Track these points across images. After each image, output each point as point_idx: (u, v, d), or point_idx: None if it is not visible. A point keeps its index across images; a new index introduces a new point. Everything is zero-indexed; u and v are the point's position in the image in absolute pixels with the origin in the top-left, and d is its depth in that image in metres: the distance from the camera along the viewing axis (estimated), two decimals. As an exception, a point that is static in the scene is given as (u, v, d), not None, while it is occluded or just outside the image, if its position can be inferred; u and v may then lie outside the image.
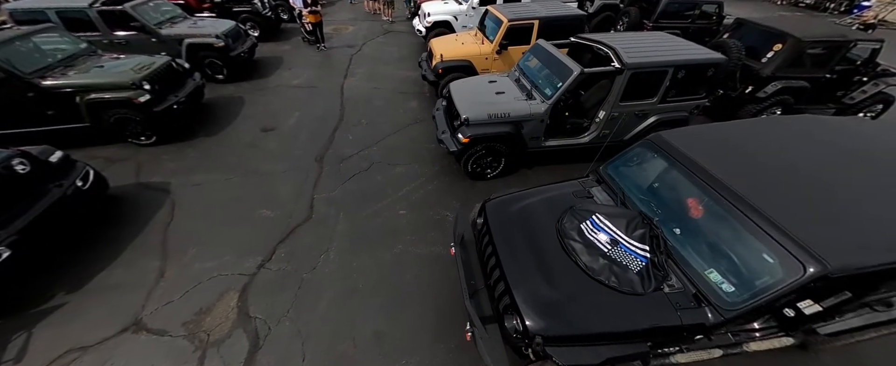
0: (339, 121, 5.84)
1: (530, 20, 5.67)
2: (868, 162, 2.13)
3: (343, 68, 7.91)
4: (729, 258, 1.89)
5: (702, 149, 2.31)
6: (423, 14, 8.38)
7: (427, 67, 6.37)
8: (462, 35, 6.58)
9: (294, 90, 6.88)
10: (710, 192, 2.06)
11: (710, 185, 2.06)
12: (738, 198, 1.90)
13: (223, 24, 7.07)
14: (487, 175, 4.52)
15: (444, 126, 4.46)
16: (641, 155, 2.60)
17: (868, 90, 5.61)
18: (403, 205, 4.13)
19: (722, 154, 2.27)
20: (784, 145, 2.28)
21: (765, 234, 1.73)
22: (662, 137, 2.45)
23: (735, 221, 1.89)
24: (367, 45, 9.40)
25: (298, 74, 7.54)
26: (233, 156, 4.89)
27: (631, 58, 3.75)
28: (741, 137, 2.40)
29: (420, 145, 5.25)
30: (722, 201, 1.98)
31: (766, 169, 2.11)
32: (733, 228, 1.89)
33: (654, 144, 2.49)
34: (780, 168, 2.08)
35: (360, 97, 6.64)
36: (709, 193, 2.07)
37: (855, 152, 2.19)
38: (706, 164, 2.16)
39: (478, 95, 4.27)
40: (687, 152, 2.28)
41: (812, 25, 5.22)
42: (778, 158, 2.17)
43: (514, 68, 4.83)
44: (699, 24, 8.01)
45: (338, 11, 12.80)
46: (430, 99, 6.61)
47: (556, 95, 3.85)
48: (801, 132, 2.42)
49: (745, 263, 1.83)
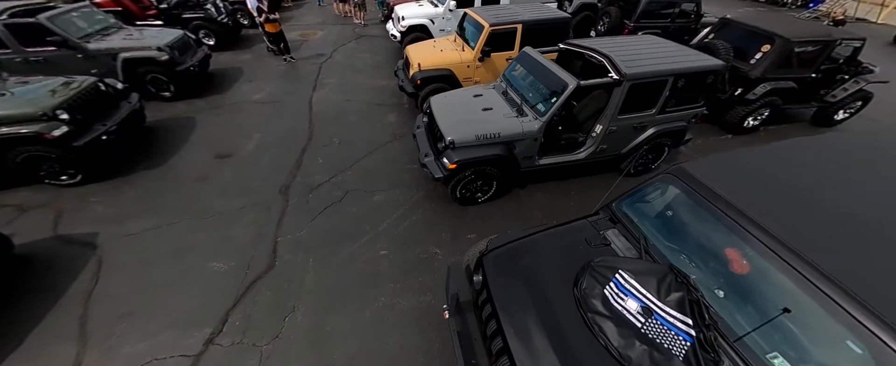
0: (308, 141, 5.19)
1: (513, 24, 5.26)
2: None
3: (311, 79, 7.20)
4: (794, 336, 1.51)
5: (737, 185, 1.93)
6: (397, 17, 7.81)
7: (404, 77, 5.82)
8: (440, 41, 6.08)
9: (255, 106, 6.12)
10: (757, 245, 1.67)
11: (758, 237, 1.67)
12: (798, 258, 1.51)
13: (168, 34, 6.20)
14: (478, 200, 4.05)
15: (426, 148, 3.95)
16: (662, 191, 2.20)
17: (849, 88, 5.60)
18: (384, 242, 3.58)
19: (762, 192, 1.90)
20: (832, 178, 1.94)
21: (846, 313, 1.34)
22: (686, 172, 2.06)
23: (797, 287, 1.51)
24: (337, 52, 8.70)
25: (260, 87, 6.77)
26: (179, 193, 4.15)
27: (629, 67, 3.39)
28: (779, 168, 2.05)
29: (401, 167, 4.71)
30: (774, 258, 1.59)
31: (824, 212, 1.74)
32: (796, 297, 1.51)
33: (676, 178, 2.09)
34: (840, 213, 1.72)
35: (331, 112, 5.99)
36: (756, 247, 1.68)
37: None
38: (747, 207, 1.77)
39: (463, 113, 3.79)
40: (720, 191, 1.90)
41: (797, 25, 5.14)
42: (832, 197, 1.81)
43: (500, 79, 4.39)
44: (678, 24, 7.92)
45: (305, 15, 11.95)
46: (409, 112, 6.07)
47: (551, 111, 3.43)
48: (847, 160, 2.07)
49: (819, 346, 1.45)
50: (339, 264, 3.33)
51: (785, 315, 1.48)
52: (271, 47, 8.00)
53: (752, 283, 1.73)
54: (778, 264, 1.58)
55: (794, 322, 1.52)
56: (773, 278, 1.63)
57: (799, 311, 1.49)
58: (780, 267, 1.58)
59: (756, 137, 5.83)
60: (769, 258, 1.63)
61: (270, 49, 8.08)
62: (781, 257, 1.57)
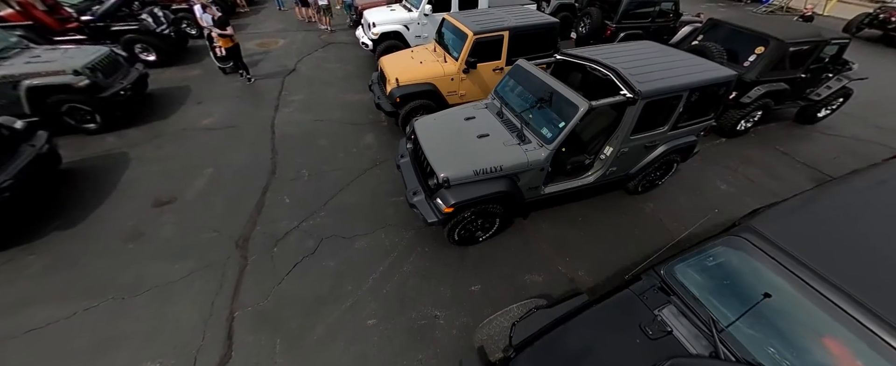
0: (271, 175, 4.41)
1: (499, 32, 4.74)
2: None
3: (273, 96, 6.33)
4: None
5: (824, 249, 1.51)
6: (367, 24, 7.09)
7: (380, 93, 5.15)
8: (418, 51, 5.46)
9: (205, 134, 5.21)
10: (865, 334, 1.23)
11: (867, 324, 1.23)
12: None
13: (88, 52, 5.14)
14: (479, 239, 3.50)
15: (414, 182, 3.34)
16: (728, 259, 1.74)
17: (833, 85, 5.59)
18: (371, 307, 2.94)
19: (853, 255, 1.48)
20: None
21: None
22: (761, 234, 1.62)
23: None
24: (303, 63, 7.83)
25: (211, 110, 5.83)
26: (103, 261, 3.27)
27: (643, 84, 2.95)
28: (875, 219, 1.64)
29: (384, 200, 4.06)
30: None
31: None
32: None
33: (748, 242, 1.64)
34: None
35: (297, 136, 5.21)
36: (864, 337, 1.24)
37: None
38: (845, 280, 1.34)
39: (455, 142, 3.21)
40: (808, 260, 1.46)
41: (788, 26, 5.03)
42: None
43: (492, 96, 3.85)
44: (658, 23, 7.79)
45: (263, 21, 10.85)
46: (389, 130, 5.41)
47: (559, 138, 2.93)
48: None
49: None
50: (315, 346, 2.66)
51: None
52: (221, 65, 6.94)
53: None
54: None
55: None
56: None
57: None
58: None
59: (748, 139, 5.70)
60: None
61: (220, 69, 7.02)
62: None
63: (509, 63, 5.09)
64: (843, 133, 5.96)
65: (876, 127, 6.16)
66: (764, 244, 1.58)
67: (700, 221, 3.99)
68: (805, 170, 5.03)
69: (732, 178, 4.80)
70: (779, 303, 1.57)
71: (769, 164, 5.14)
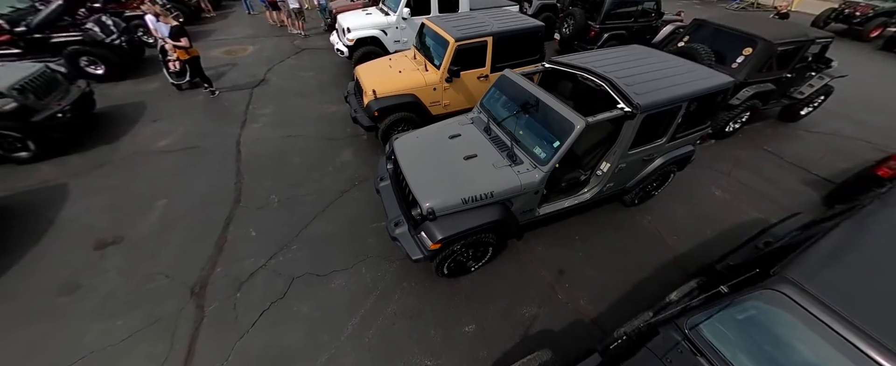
0: (235, 204, 3.94)
1: (482, 37, 4.43)
2: None
3: (240, 111, 5.80)
4: None
5: (876, 305, 1.26)
6: (341, 29, 6.64)
7: (357, 106, 4.75)
8: (397, 59, 5.08)
9: (160, 158, 4.66)
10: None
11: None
12: None
13: (17, 70, 4.49)
14: (471, 268, 3.18)
15: (395, 211, 2.98)
16: (766, 317, 1.48)
17: (815, 84, 5.59)
18: (351, 359, 2.57)
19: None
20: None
21: None
22: (802, 290, 1.37)
23: None
24: (274, 72, 7.29)
25: (169, 129, 5.26)
26: (30, 324, 2.74)
27: (642, 97, 2.70)
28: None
29: (364, 227, 3.68)
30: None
31: None
32: None
33: (787, 297, 1.38)
34: None
35: (267, 156, 4.73)
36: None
37: None
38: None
39: (439, 165, 2.87)
40: (856, 320, 1.21)
41: (775, 26, 4.96)
42: None
43: (478, 109, 3.54)
44: (641, 23, 7.71)
45: (231, 26, 10.17)
46: (369, 145, 5.01)
47: (554, 158, 2.64)
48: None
49: None
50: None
51: None
52: (175, 81, 6.18)
53: None
54: None
55: None
56: None
57: None
58: None
59: (736, 140, 5.63)
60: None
61: (175, 85, 6.24)
62: None
63: (494, 70, 4.81)
64: (824, 130, 5.99)
65: (853, 121, 6.25)
66: (807, 301, 1.34)
67: (698, 233, 3.82)
68: (795, 171, 4.97)
69: (725, 183, 4.68)
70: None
71: (759, 165, 5.06)
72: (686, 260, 3.52)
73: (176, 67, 5.93)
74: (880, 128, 6.11)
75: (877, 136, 5.86)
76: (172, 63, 5.88)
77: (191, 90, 6.35)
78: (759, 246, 2.41)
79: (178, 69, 5.98)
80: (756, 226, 3.97)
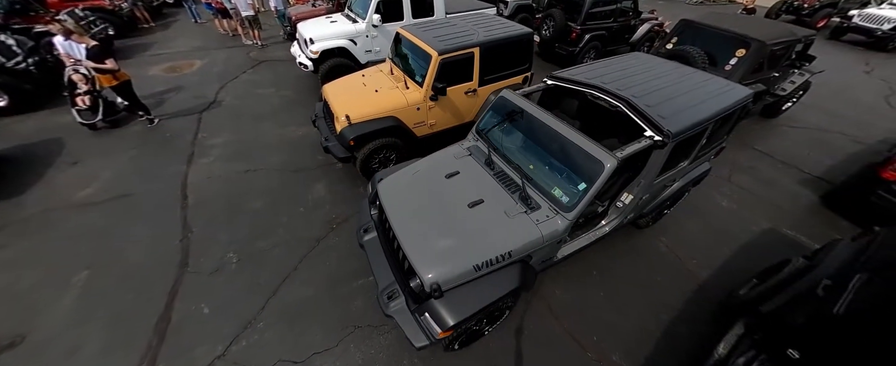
0: (181, 270, 3.15)
1: (468, 49, 3.91)
2: None
3: (186, 143, 4.88)
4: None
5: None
6: (303, 39, 5.86)
7: (328, 132, 4.08)
8: (372, 74, 4.44)
9: (82, 214, 3.72)
10: None
11: None
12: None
13: None
14: (486, 332, 2.66)
15: (386, 276, 2.38)
16: None
17: (796, 80, 5.61)
18: None
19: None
20: None
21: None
22: None
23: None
24: (227, 92, 6.35)
25: (92, 173, 4.27)
26: None
27: (669, 121, 2.30)
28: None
29: (348, 286, 3.04)
30: None
31: None
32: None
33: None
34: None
35: (221, 200, 3.93)
36: None
37: None
38: None
39: (438, 216, 2.31)
40: None
41: (764, 26, 4.85)
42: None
43: (474, 136, 3.01)
44: (620, 22, 7.54)
45: (174, 38, 8.93)
46: (348, 174, 4.34)
47: (582, 203, 2.17)
48: None
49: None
50: None
51: None
52: (83, 121, 4.84)
53: None
54: None
55: None
56: None
57: None
58: None
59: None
60: None
61: (85, 125, 4.90)
62: None
63: (483, 83, 4.31)
64: (805, 124, 6.08)
65: (827, 113, 6.44)
66: None
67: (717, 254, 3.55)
68: (788, 171, 4.91)
69: (728, 190, 4.51)
70: None
71: (755, 167, 4.96)
72: (711, 288, 3.22)
73: (85, 104, 4.70)
74: (851, 118, 6.31)
75: (851, 127, 6.02)
76: (81, 98, 4.70)
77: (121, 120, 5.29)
78: (819, 293, 2.09)
79: (89, 104, 4.73)
80: (770, 238, 3.80)
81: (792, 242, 3.77)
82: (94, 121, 4.91)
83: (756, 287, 2.81)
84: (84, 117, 4.86)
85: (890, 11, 10.00)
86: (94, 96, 4.77)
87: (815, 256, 2.65)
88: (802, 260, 2.62)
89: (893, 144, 5.20)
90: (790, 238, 3.82)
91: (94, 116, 4.89)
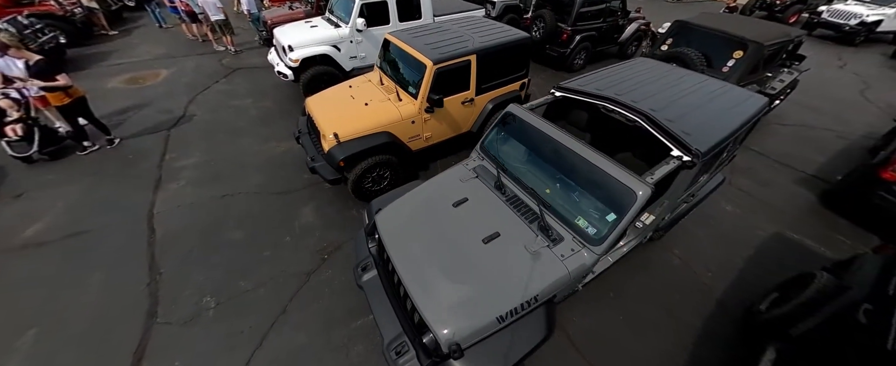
0: (149, 320, 2.72)
1: (464, 56, 3.63)
2: None
3: (151, 165, 4.37)
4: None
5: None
6: (281, 46, 5.42)
7: (314, 151, 3.71)
8: (360, 85, 4.08)
9: (27, 258, 3.19)
10: None
11: None
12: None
13: None
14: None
15: (393, 326, 2.07)
16: None
17: (785, 78, 5.66)
18: None
19: None
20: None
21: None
22: None
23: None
24: (198, 104, 5.81)
25: (41, 207, 3.71)
26: None
27: (696, 138, 2.11)
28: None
29: (346, 329, 2.71)
30: None
31: None
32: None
33: None
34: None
35: (194, 232, 3.48)
36: None
37: None
38: None
39: (450, 255, 2.03)
40: None
41: (759, 27, 4.82)
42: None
43: (480, 155, 2.74)
44: (609, 22, 7.46)
45: (137, 45, 8.19)
46: (339, 195, 3.98)
47: (613, 235, 1.94)
48: None
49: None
50: None
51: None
52: (20, 155, 4.11)
53: None
54: None
55: None
56: None
57: None
58: None
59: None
60: None
61: (18, 158, 4.15)
62: None
63: (480, 92, 4.05)
64: (793, 121, 6.17)
65: (811, 109, 6.56)
66: None
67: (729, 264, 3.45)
68: (784, 170, 4.92)
69: (730, 193, 4.45)
70: None
71: (752, 168, 4.94)
72: (729, 303, 3.09)
73: (16, 133, 4.01)
74: (833, 113, 6.47)
75: (835, 122, 6.16)
76: (11, 127, 4.02)
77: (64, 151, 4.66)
78: (861, 320, 1.95)
79: (21, 134, 4.02)
80: (777, 244, 3.73)
81: (799, 246, 3.73)
82: (29, 153, 4.13)
83: (777, 303, 2.70)
84: (16, 150, 4.09)
85: (856, 7, 10.45)
86: (27, 124, 4.09)
87: (838, 270, 2.54)
88: (827, 276, 2.51)
89: (876, 138, 5.36)
90: (796, 242, 3.77)
91: (28, 147, 4.11)
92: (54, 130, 4.41)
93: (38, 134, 4.14)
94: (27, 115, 4.12)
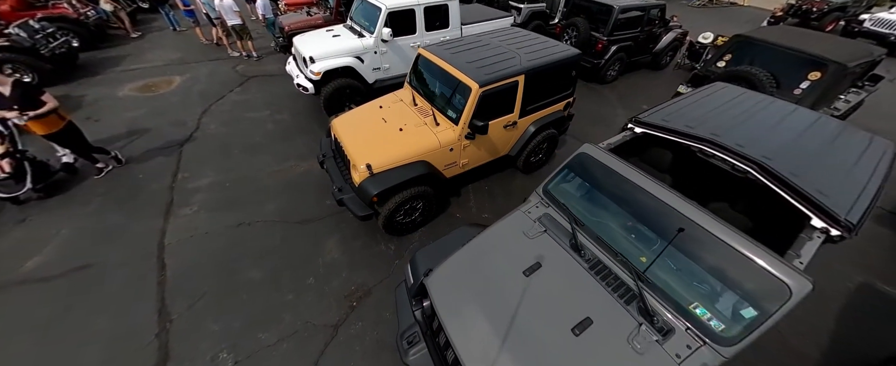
0: (159, 383, 2.37)
1: (512, 77, 3.21)
2: None
3: (162, 188, 4.02)
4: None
5: None
6: (301, 57, 5.06)
7: (341, 181, 3.32)
8: (391, 105, 3.68)
9: (26, 294, 2.85)
10: None
11: None
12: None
13: None
14: None
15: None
16: None
17: (851, 99, 5.12)
18: None
19: None
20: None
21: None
22: None
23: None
24: (211, 116, 5.48)
25: (43, 236, 3.37)
26: None
27: (839, 203, 1.67)
28: None
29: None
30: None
31: None
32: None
33: None
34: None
35: (208, 268, 3.12)
36: None
37: None
38: None
39: (533, 351, 1.61)
40: None
41: (840, 45, 4.28)
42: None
43: (543, 202, 2.31)
44: (646, 32, 6.98)
45: (149, 49, 7.93)
46: (367, 227, 3.58)
47: (753, 336, 1.49)
48: None
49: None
50: None
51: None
52: (7, 195, 3.52)
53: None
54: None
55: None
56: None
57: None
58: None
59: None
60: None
61: (6, 199, 3.57)
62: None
63: (523, 114, 3.63)
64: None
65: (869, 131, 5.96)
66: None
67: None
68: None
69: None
70: None
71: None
72: None
73: (3, 171, 3.44)
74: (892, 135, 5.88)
75: None
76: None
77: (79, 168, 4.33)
78: None
79: (9, 171, 3.45)
80: (868, 298, 3.14)
81: (894, 302, 3.23)
82: (21, 192, 3.54)
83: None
84: (5, 190, 3.52)
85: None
86: (15, 159, 3.50)
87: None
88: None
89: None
90: (890, 297, 3.27)
91: (19, 185, 3.53)
92: (45, 163, 3.79)
93: (29, 169, 3.58)
94: (14, 148, 3.55)
